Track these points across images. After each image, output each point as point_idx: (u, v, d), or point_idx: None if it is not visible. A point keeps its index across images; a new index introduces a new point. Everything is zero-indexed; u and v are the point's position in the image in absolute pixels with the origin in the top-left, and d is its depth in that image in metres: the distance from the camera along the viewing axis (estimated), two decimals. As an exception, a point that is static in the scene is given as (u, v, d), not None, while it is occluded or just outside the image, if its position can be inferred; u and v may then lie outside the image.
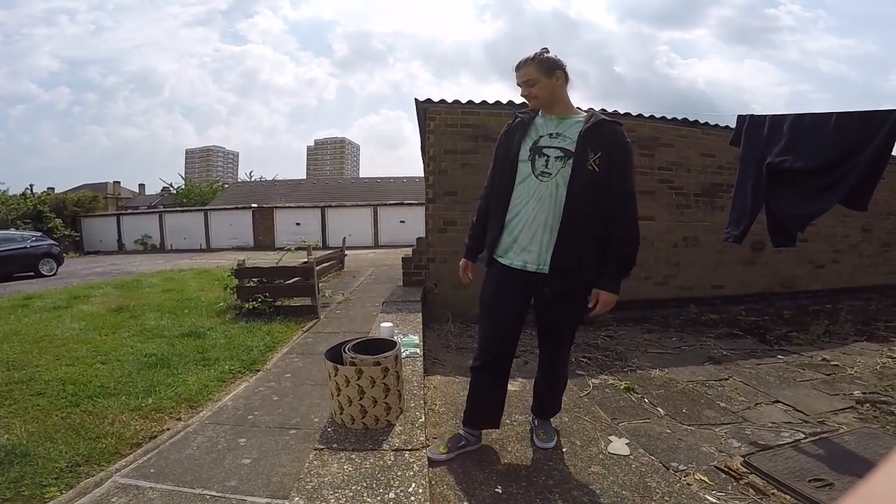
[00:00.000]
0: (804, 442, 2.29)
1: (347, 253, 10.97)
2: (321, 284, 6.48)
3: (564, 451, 2.16)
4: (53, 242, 13.32)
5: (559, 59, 1.90)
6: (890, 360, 3.65)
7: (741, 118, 3.05)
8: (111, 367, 3.50)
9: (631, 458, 2.12)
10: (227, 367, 3.48)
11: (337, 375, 1.75)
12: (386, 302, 4.42)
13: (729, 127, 4.31)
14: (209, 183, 45.58)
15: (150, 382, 3.14)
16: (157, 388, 3.05)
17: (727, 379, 3.25)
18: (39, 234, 13.63)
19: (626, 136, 1.89)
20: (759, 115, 3.01)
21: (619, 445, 2.22)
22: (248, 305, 5.16)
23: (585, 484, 1.89)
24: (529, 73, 1.89)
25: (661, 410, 2.71)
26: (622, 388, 3.02)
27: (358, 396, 1.71)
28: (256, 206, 23.78)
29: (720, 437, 2.37)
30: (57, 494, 1.94)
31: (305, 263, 5.96)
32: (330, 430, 1.74)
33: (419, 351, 2.62)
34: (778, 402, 2.84)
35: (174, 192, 37.37)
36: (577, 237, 1.79)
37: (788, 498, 1.83)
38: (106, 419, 2.61)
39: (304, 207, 23.83)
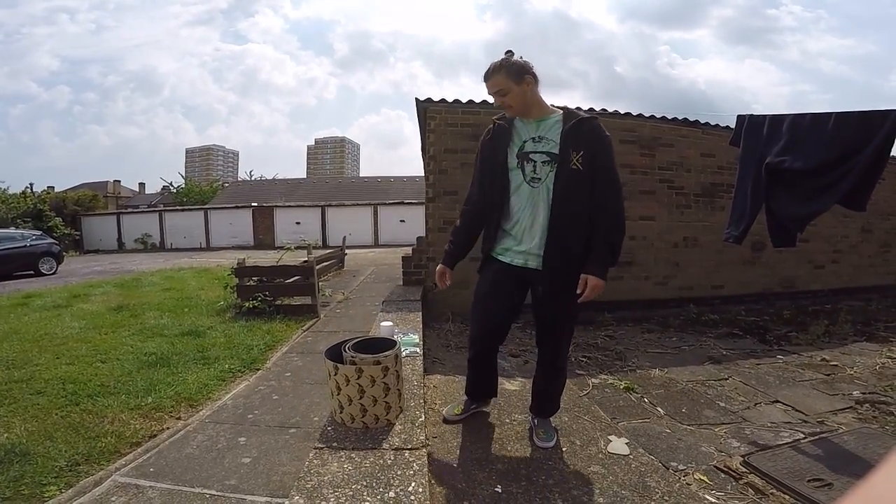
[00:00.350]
0: (803, 442, 2.29)
1: (347, 252, 10.97)
2: (321, 283, 6.48)
3: (564, 450, 2.16)
4: (53, 241, 13.31)
5: (525, 61, 1.92)
6: (889, 360, 3.65)
7: (741, 118, 3.05)
8: (111, 365, 3.50)
9: (630, 457, 2.12)
10: (227, 365, 3.48)
11: (337, 374, 1.75)
12: (386, 301, 4.42)
13: (729, 127, 4.31)
14: (209, 182, 45.64)
15: (149, 381, 3.14)
16: (156, 386, 3.05)
17: (727, 379, 3.25)
18: (39, 232, 13.62)
19: (604, 130, 1.92)
20: (758, 115, 3.01)
21: (618, 445, 2.22)
22: (248, 304, 5.16)
23: (585, 483, 1.89)
24: (499, 82, 1.90)
25: (660, 410, 2.71)
26: (622, 387, 3.02)
27: (358, 395, 1.71)
28: (256, 205, 23.79)
29: (720, 436, 2.37)
30: (56, 493, 1.94)
31: (305, 262, 5.96)
32: (330, 428, 1.74)
33: (419, 350, 2.62)
34: (777, 401, 2.84)
35: (174, 191, 37.37)
36: (568, 235, 1.87)
37: (788, 498, 1.83)
38: (105, 418, 2.60)
39: (304, 206, 23.84)
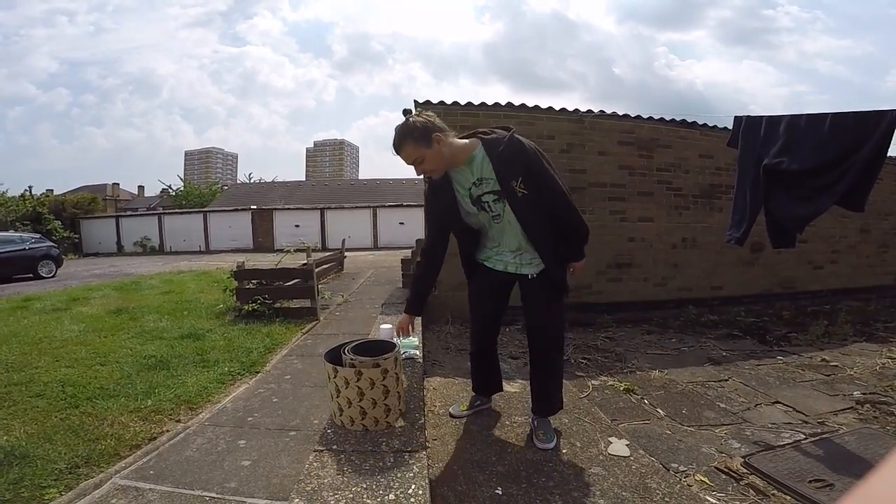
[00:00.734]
0: (804, 442, 2.29)
1: (347, 255, 10.97)
2: (320, 286, 6.47)
3: (564, 452, 2.16)
4: (52, 244, 13.29)
5: (426, 119, 1.89)
6: (889, 360, 3.65)
7: (738, 119, 3.06)
8: (110, 368, 3.50)
9: (631, 459, 2.12)
10: (226, 368, 3.48)
11: (336, 377, 1.74)
12: (385, 304, 4.42)
13: (727, 128, 4.31)
14: (208, 185, 45.63)
15: (149, 384, 3.13)
16: (156, 389, 3.04)
17: (727, 380, 3.25)
18: (38, 235, 13.62)
19: (524, 143, 1.94)
20: (755, 116, 3.02)
21: (619, 446, 2.22)
22: (247, 307, 5.16)
23: (585, 485, 1.89)
24: (410, 153, 1.88)
25: (660, 411, 2.71)
26: (622, 389, 3.02)
27: (357, 398, 1.71)
28: (255, 207, 23.78)
29: (720, 437, 2.37)
30: (56, 496, 1.94)
31: (305, 265, 5.96)
32: (329, 431, 1.73)
33: (419, 353, 2.62)
34: (778, 402, 2.84)
35: (173, 193, 37.38)
36: (546, 243, 2.00)
37: (789, 499, 1.83)
38: (105, 421, 2.60)
39: (303, 209, 23.84)
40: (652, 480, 1.93)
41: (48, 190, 30.84)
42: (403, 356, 2.32)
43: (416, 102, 4.89)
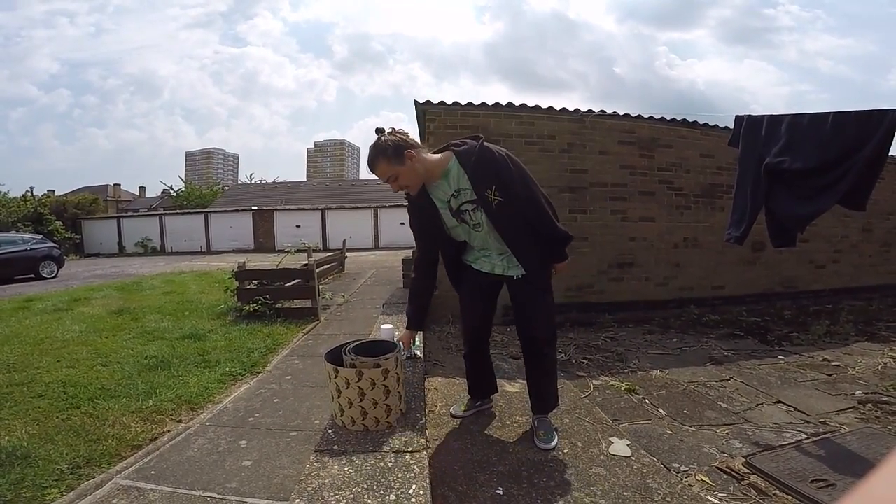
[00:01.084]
0: (806, 442, 2.29)
1: (348, 255, 10.98)
2: (322, 286, 6.48)
3: (565, 452, 2.16)
4: (54, 245, 13.32)
5: (398, 136, 1.91)
6: (891, 360, 3.64)
7: (739, 118, 3.05)
8: (112, 369, 3.51)
9: (632, 459, 2.11)
10: (227, 369, 3.48)
11: (337, 377, 1.75)
12: (386, 304, 4.42)
13: (728, 128, 4.30)
14: (209, 185, 45.71)
15: (150, 384, 3.14)
16: (157, 390, 3.05)
17: (728, 379, 3.24)
18: (40, 236, 13.65)
19: (495, 151, 1.96)
20: (756, 115, 3.01)
21: (620, 446, 2.22)
22: (248, 308, 5.16)
23: (587, 485, 1.89)
24: (384, 170, 1.90)
25: (662, 411, 2.70)
26: (623, 389, 3.02)
27: (358, 398, 1.71)
28: (257, 208, 23.81)
29: (722, 437, 2.37)
30: (58, 496, 1.94)
31: (306, 266, 5.97)
32: (330, 431, 1.74)
33: (419, 353, 2.62)
34: (779, 402, 2.83)
35: (174, 194, 37.44)
36: (525, 247, 2.04)
37: (790, 499, 1.82)
38: (106, 421, 2.60)
39: (304, 210, 23.86)
40: (653, 480, 1.93)
41: (49, 191, 30.94)
42: (404, 356, 2.32)
43: (416, 102, 4.89)
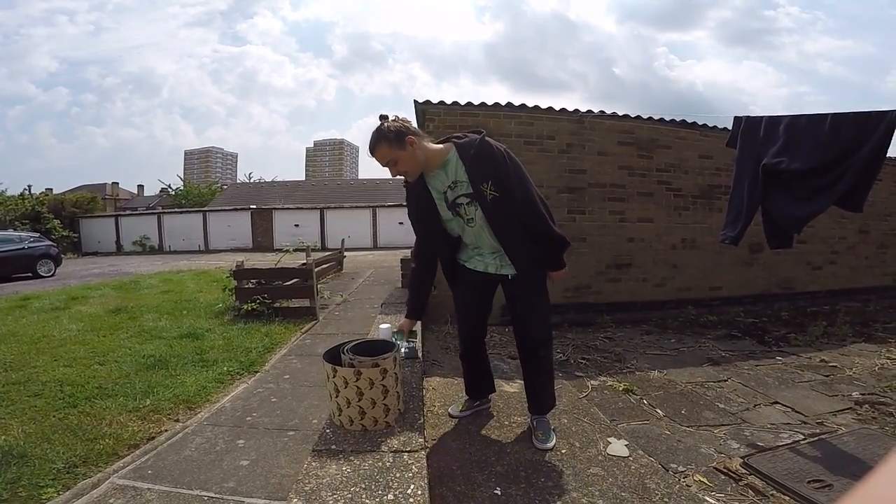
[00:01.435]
0: (803, 443, 2.29)
1: (346, 254, 10.97)
2: (320, 286, 6.47)
3: (563, 452, 2.16)
4: (51, 243, 13.27)
5: (401, 123, 1.92)
6: (888, 361, 3.66)
7: (737, 119, 3.05)
8: (109, 368, 3.50)
9: (630, 459, 2.12)
10: (225, 368, 3.48)
11: (335, 377, 1.74)
12: (385, 303, 4.42)
13: (727, 129, 4.31)
14: (208, 184, 45.65)
15: (148, 384, 3.13)
16: (155, 389, 3.04)
17: (726, 380, 3.25)
18: (37, 234, 13.60)
19: (493, 146, 1.96)
20: (755, 116, 3.01)
21: (618, 447, 2.22)
22: (246, 307, 5.15)
23: (585, 485, 1.89)
24: (385, 154, 1.91)
25: (659, 412, 2.71)
26: (621, 389, 3.02)
27: (356, 398, 1.71)
28: (255, 207, 23.76)
29: (719, 438, 2.37)
30: (54, 495, 1.94)
31: (304, 265, 5.96)
32: (328, 431, 1.73)
33: (416, 345, 2.57)
34: (777, 403, 2.84)
35: (173, 193, 37.36)
36: (519, 248, 2.03)
37: (788, 499, 1.83)
38: (103, 420, 2.60)
39: (302, 209, 23.82)
40: (651, 481, 1.93)
41: (47, 189, 30.83)
42: (404, 349, 2.31)
43: (416, 102, 4.89)
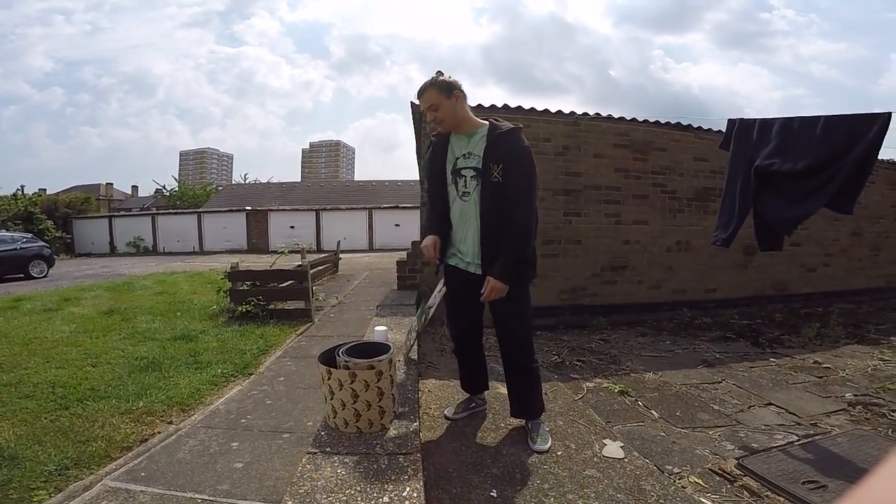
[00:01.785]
0: (797, 444, 2.30)
1: (342, 256, 10.94)
2: (315, 288, 6.45)
3: (559, 454, 2.16)
4: (44, 244, 13.19)
5: (454, 80, 2.04)
6: (881, 362, 3.68)
7: (731, 122, 3.07)
8: (101, 369, 3.46)
9: (625, 461, 2.12)
10: (219, 370, 3.45)
11: (330, 379, 1.74)
12: (380, 305, 4.41)
13: (721, 131, 4.33)
14: (203, 185, 45.47)
15: (141, 386, 3.10)
16: (148, 391, 3.01)
17: (720, 382, 3.26)
18: (30, 235, 13.51)
19: (523, 141, 2.02)
20: (748, 118, 3.03)
21: (613, 448, 2.22)
22: (241, 309, 5.12)
23: (580, 487, 1.89)
24: (431, 97, 2.00)
25: (654, 413, 2.71)
26: (616, 391, 3.03)
27: (351, 400, 1.70)
28: (250, 208, 23.69)
29: (714, 439, 2.38)
30: (46, 498, 1.91)
31: (299, 267, 5.94)
32: (323, 433, 1.73)
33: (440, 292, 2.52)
34: (771, 404, 2.85)
35: (167, 194, 37.21)
36: (496, 242, 1.99)
37: (782, 500, 1.84)
38: (96, 422, 2.57)
39: (298, 210, 23.77)
40: (646, 482, 1.93)
41: (41, 189, 30.64)
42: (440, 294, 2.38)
43: (412, 104, 4.89)
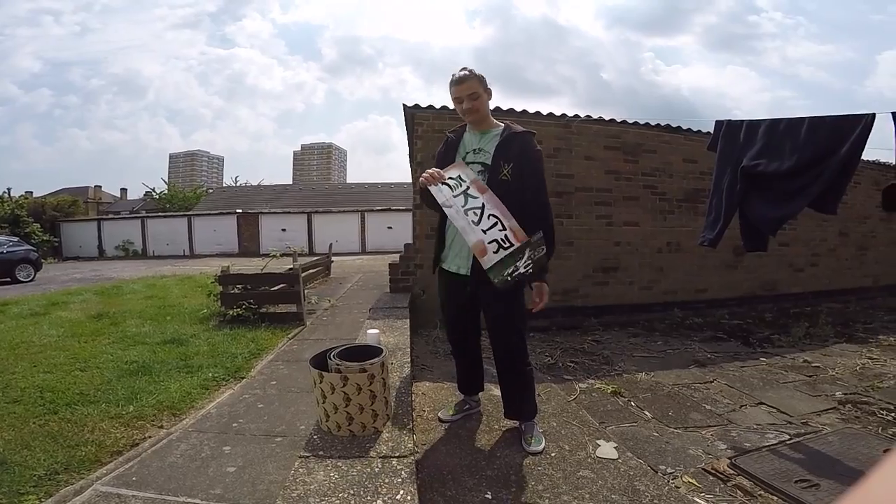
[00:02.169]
0: (789, 443, 2.33)
1: (334, 259, 10.89)
2: (307, 291, 6.42)
3: (553, 455, 2.16)
4: (31, 248, 13.00)
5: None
6: (869, 360, 3.73)
7: (718, 123, 3.10)
8: (90, 374, 3.42)
9: (619, 461, 2.12)
10: (210, 374, 3.42)
11: (322, 382, 1.72)
12: (373, 308, 4.39)
13: (710, 133, 4.38)
14: (193, 188, 45.06)
15: (131, 390, 3.06)
16: (138, 395, 2.98)
17: (712, 381, 3.28)
18: (16, 239, 13.33)
19: (535, 144, 2.08)
20: (735, 120, 3.06)
21: (607, 449, 2.23)
22: (232, 312, 5.08)
23: (575, 488, 1.89)
24: (473, 86, 2.05)
25: (647, 414, 2.72)
26: (609, 391, 3.04)
27: (344, 403, 1.69)
28: (241, 211, 23.51)
29: (707, 439, 2.40)
30: (36, 502, 1.89)
31: (291, 270, 5.90)
32: (316, 437, 1.71)
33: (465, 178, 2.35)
34: (762, 403, 2.88)
35: (157, 196, 36.83)
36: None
37: (775, 499, 1.85)
38: (85, 427, 2.53)
39: (290, 213, 23.65)
40: (640, 482, 1.94)
41: (28, 192, 30.16)
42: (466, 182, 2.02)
43: (405, 106, 4.88)
